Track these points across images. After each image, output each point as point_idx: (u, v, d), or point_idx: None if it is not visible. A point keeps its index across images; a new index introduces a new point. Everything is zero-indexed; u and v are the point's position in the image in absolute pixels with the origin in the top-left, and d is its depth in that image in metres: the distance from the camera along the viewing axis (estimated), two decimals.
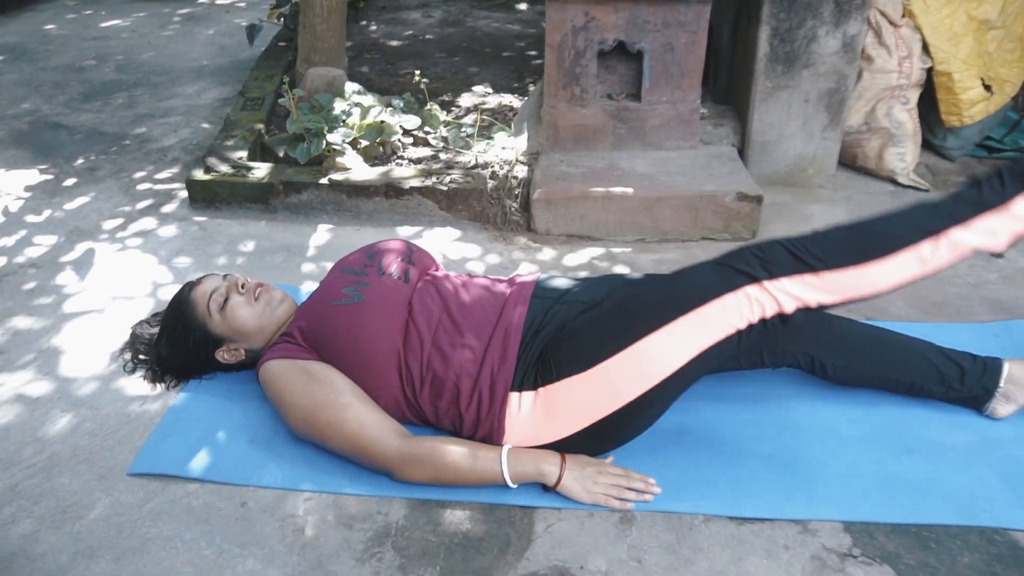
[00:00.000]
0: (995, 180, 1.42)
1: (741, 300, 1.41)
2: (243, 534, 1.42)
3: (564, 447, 1.50)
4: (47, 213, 2.57)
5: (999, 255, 1.57)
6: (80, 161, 2.96)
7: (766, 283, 1.41)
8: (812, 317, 1.46)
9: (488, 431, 1.50)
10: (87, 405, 1.72)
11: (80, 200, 2.65)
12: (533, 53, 3.98)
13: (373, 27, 4.50)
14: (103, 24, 4.86)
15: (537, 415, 1.48)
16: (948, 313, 2.04)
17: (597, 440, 1.50)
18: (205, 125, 3.27)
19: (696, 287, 1.44)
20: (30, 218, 2.54)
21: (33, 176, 2.84)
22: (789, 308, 1.42)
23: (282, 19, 3.70)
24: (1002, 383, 1.60)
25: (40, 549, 1.38)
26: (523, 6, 4.85)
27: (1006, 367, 1.61)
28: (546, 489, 1.48)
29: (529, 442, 1.50)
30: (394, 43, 4.19)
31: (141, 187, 2.74)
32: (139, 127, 3.27)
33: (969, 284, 2.16)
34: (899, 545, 1.39)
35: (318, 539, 1.41)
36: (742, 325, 1.42)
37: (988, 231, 1.42)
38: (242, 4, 5.30)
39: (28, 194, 2.70)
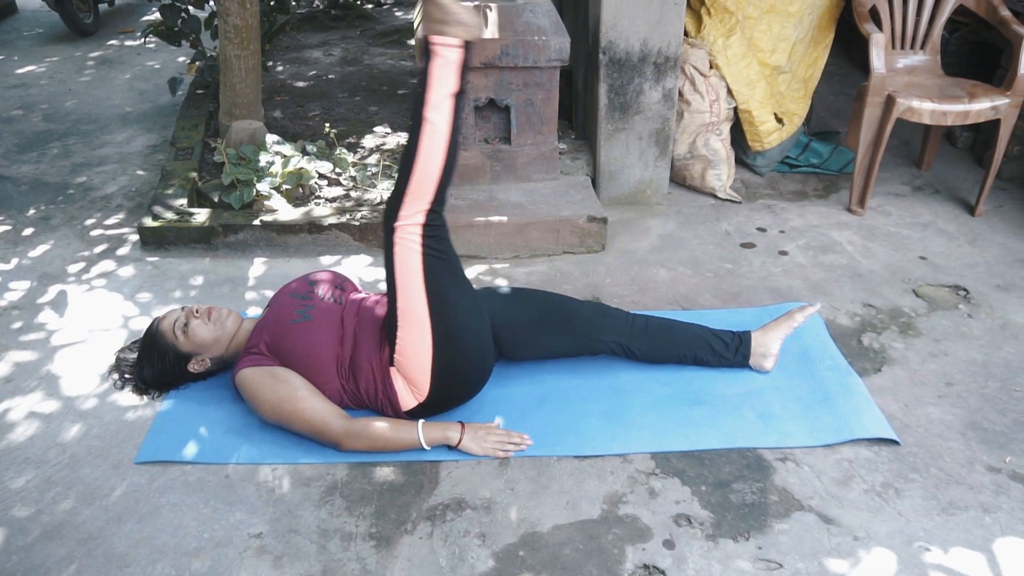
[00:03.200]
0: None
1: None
2: (230, 496, 1.97)
3: (435, 402, 2.09)
4: (15, 261, 3.00)
5: None
6: (32, 211, 3.38)
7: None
8: (621, 319, 2.21)
9: (387, 400, 2.09)
10: (91, 416, 2.23)
11: (42, 248, 3.09)
12: None
13: (280, 68, 4.98)
14: (19, 71, 5.15)
15: (400, 383, 2.07)
16: (741, 301, 2.74)
17: (447, 393, 2.11)
18: (140, 172, 3.72)
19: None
20: (0, 266, 2.97)
21: None
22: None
23: (201, 72, 4.16)
24: (752, 347, 2.30)
25: (81, 519, 1.90)
26: (413, 41, 5.40)
27: (752, 337, 2.31)
28: (451, 448, 2.09)
29: (413, 404, 2.08)
30: (300, 84, 4.70)
31: (94, 233, 3.19)
32: (79, 176, 3.69)
33: (759, 277, 2.88)
34: (685, 464, 2.06)
35: (285, 495, 1.98)
36: None
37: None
38: (151, 46, 5.65)
39: None
